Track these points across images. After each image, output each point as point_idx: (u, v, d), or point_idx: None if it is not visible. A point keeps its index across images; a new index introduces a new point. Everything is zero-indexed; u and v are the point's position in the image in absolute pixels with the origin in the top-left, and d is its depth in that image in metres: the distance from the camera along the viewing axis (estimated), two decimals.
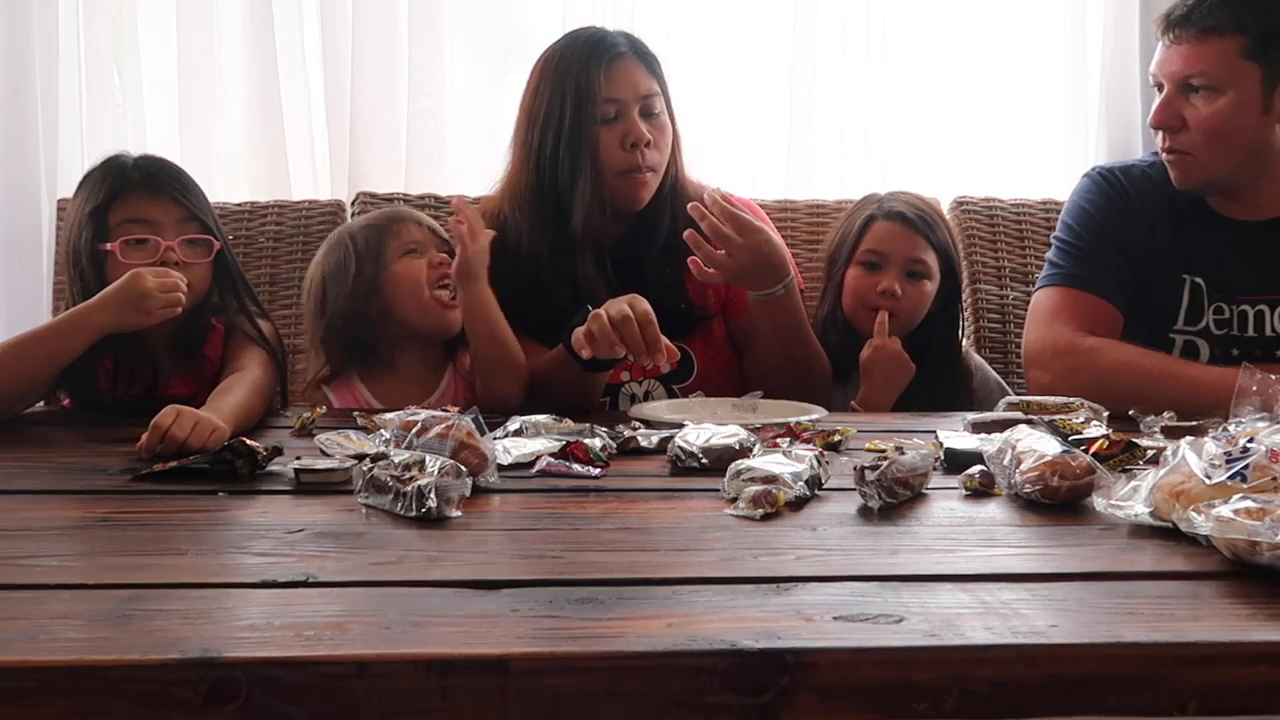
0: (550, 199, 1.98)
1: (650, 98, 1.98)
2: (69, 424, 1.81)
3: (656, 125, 1.99)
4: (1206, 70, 1.87)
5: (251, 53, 2.60)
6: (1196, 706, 0.82)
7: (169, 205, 1.84)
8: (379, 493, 1.21)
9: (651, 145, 1.96)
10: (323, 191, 2.61)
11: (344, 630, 0.85)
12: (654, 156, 1.97)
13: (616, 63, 1.97)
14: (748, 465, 1.28)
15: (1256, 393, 1.47)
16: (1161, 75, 1.92)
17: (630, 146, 1.95)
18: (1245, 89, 1.86)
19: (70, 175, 2.52)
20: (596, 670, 0.80)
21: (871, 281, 2.08)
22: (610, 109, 1.95)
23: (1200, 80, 1.87)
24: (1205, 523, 1.01)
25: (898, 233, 2.10)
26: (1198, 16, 1.86)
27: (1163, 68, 1.92)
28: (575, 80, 1.95)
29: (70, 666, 0.78)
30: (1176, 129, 1.91)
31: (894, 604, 0.90)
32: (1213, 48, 1.86)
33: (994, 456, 1.30)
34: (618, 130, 1.95)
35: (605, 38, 2.00)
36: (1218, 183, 1.94)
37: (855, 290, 2.10)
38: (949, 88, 2.72)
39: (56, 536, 1.14)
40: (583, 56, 1.97)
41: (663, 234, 2.01)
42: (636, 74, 1.98)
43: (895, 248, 2.09)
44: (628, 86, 1.96)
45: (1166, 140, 1.93)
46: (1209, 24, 1.86)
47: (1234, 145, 1.89)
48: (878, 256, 2.09)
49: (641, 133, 1.95)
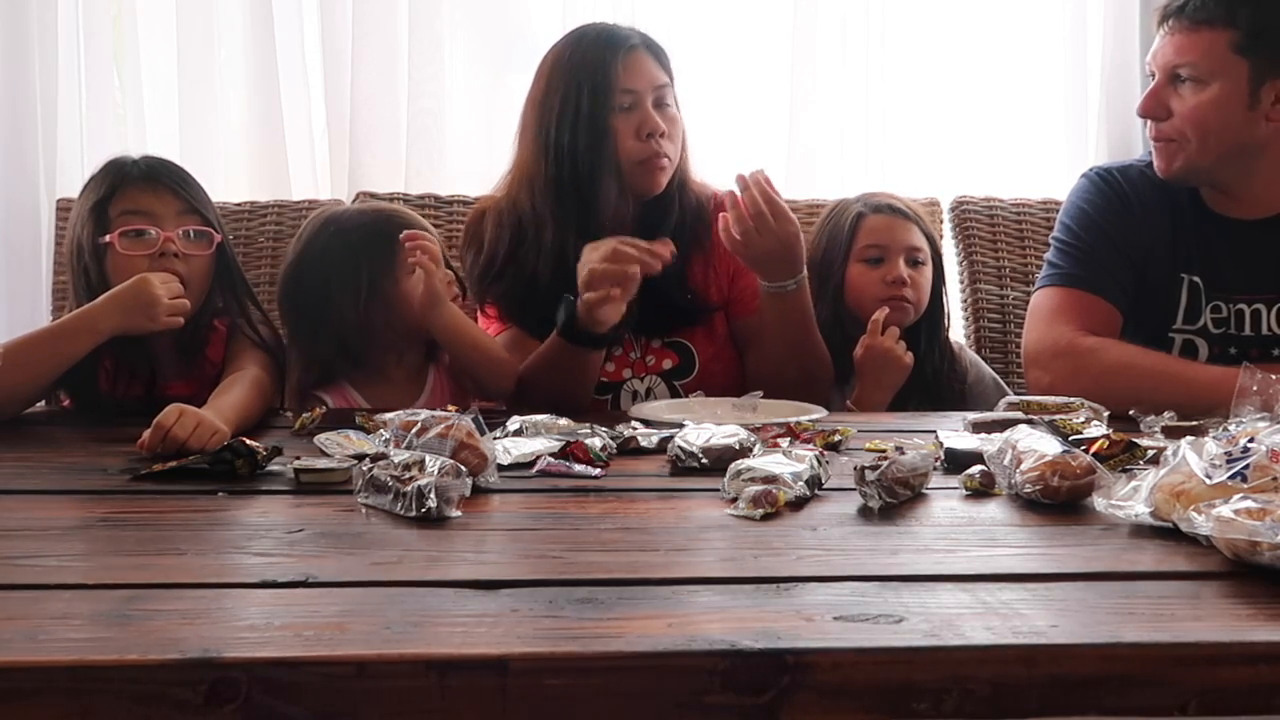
0: (570, 189, 1.99)
1: (662, 89, 2.01)
2: (69, 424, 1.80)
3: (668, 116, 2.02)
4: (1194, 61, 1.88)
5: (251, 53, 2.60)
6: (1196, 706, 0.82)
7: (168, 197, 1.84)
8: (379, 493, 1.21)
9: (665, 135, 1.99)
10: (323, 191, 2.61)
11: (344, 630, 0.85)
12: (668, 146, 2.00)
13: (631, 54, 2.00)
14: (748, 465, 1.28)
15: (1257, 393, 1.47)
16: (1154, 64, 1.94)
17: (646, 136, 1.97)
18: (1232, 83, 1.86)
19: (70, 175, 2.53)
20: (596, 670, 0.80)
21: (878, 274, 2.08)
22: (626, 99, 1.98)
23: (1188, 71, 1.88)
24: (1206, 523, 1.01)
25: (893, 224, 2.11)
26: (1191, 8, 1.87)
27: (1155, 57, 1.94)
28: (592, 72, 1.98)
29: (70, 666, 0.78)
30: (1161, 118, 1.92)
31: (894, 604, 0.90)
32: (1203, 39, 1.87)
33: (994, 456, 1.30)
34: (634, 120, 1.97)
35: (618, 31, 2.04)
36: (1202, 174, 1.95)
37: (862, 287, 2.10)
38: (949, 87, 2.72)
39: (56, 536, 1.14)
40: (598, 49, 2.00)
41: (664, 228, 2.02)
42: (649, 66, 2.01)
43: (894, 238, 2.10)
44: (642, 77, 1.99)
45: (1153, 129, 1.95)
46: (1201, 16, 1.87)
47: (1217, 138, 1.89)
48: (879, 250, 2.10)
49: (657, 122, 1.98)
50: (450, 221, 2.44)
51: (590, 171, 1.97)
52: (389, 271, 1.88)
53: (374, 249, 1.89)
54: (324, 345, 1.89)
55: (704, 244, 2.07)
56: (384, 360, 1.94)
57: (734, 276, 2.08)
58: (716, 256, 2.08)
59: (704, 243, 2.07)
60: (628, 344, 2.06)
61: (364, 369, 1.93)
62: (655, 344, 2.07)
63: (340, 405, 1.89)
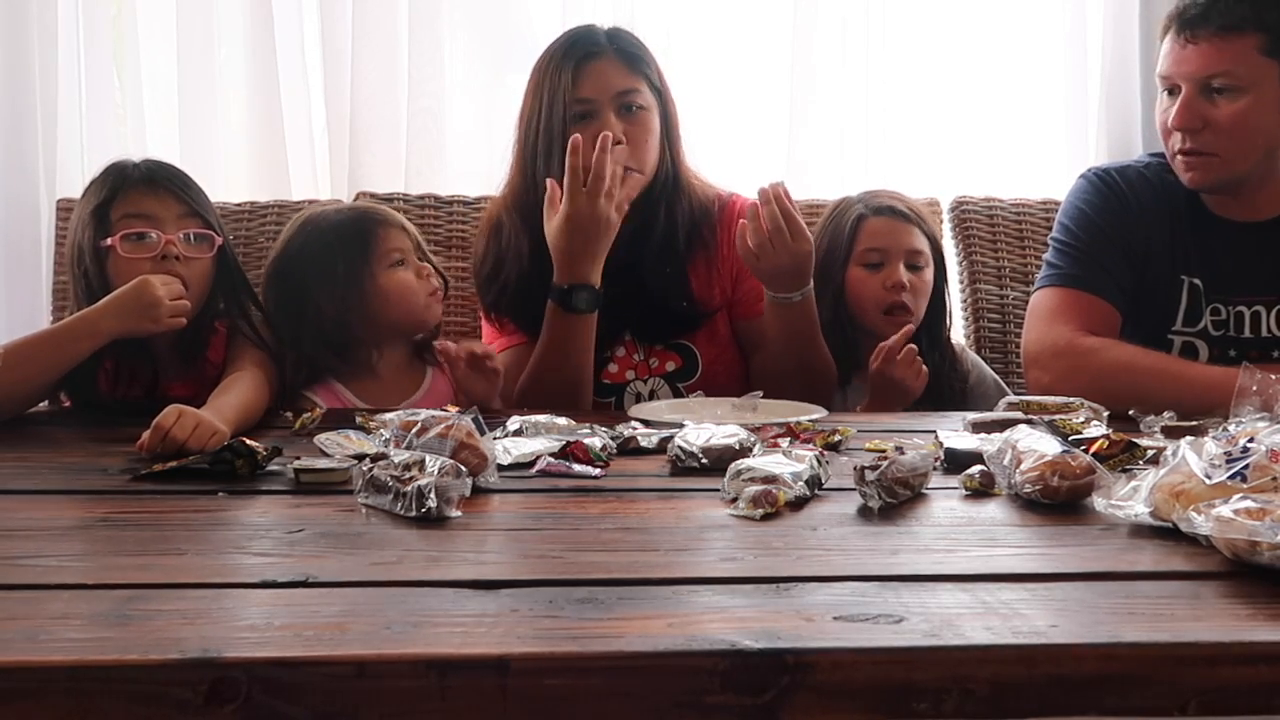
0: (533, 197, 1.98)
1: (628, 95, 1.97)
2: (69, 424, 1.80)
3: (635, 122, 1.98)
4: (1229, 70, 1.85)
5: (251, 53, 2.60)
6: (1196, 706, 0.82)
7: (169, 200, 1.84)
8: (379, 493, 1.21)
9: (627, 142, 1.95)
10: (323, 191, 2.61)
11: (344, 630, 0.85)
12: (628, 153, 1.95)
13: (589, 63, 1.97)
14: (748, 465, 1.28)
15: (1256, 392, 1.47)
16: (1177, 76, 1.89)
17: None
18: (1266, 87, 1.85)
19: (70, 176, 2.53)
20: (596, 670, 0.80)
21: (878, 279, 2.08)
22: (582, 108, 1.96)
23: (1223, 81, 1.85)
24: (1205, 523, 1.01)
25: (894, 227, 2.10)
26: (1216, 15, 1.84)
27: (1178, 67, 1.89)
28: (550, 80, 1.97)
29: (70, 666, 0.78)
30: (1198, 130, 1.89)
31: (894, 604, 0.90)
32: (1234, 47, 1.84)
33: (994, 456, 1.30)
34: (590, 129, 1.93)
35: (583, 37, 2.01)
36: (1234, 182, 1.93)
37: (862, 291, 2.10)
38: (949, 87, 2.72)
39: (56, 536, 1.14)
40: (559, 57, 1.98)
41: (659, 230, 2.01)
42: (611, 73, 1.98)
43: (894, 242, 2.10)
44: (600, 86, 1.97)
45: (1187, 142, 1.90)
46: (1229, 22, 1.84)
47: (1256, 144, 1.88)
48: (879, 254, 2.09)
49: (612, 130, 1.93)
50: (450, 221, 2.44)
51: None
52: (365, 265, 1.91)
53: (350, 244, 1.91)
54: (307, 342, 1.91)
55: (708, 245, 2.07)
56: (369, 356, 1.95)
57: (737, 278, 2.08)
58: (720, 258, 2.07)
59: (708, 244, 2.07)
60: (630, 346, 2.06)
61: (350, 365, 1.94)
62: (657, 346, 2.07)
63: (331, 403, 1.89)
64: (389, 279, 1.92)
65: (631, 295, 1.97)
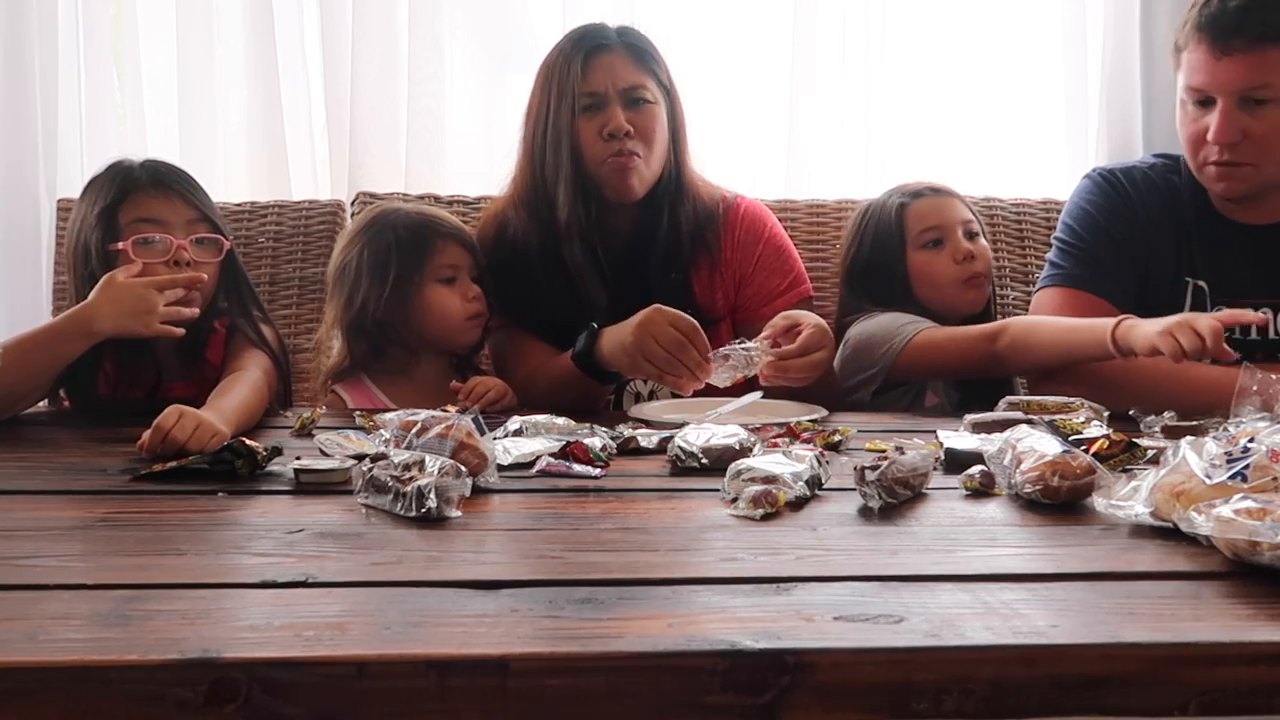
0: (540, 193, 1.99)
1: (636, 89, 1.98)
2: (69, 424, 1.80)
3: (643, 115, 1.98)
4: (1270, 81, 1.83)
5: (251, 53, 2.60)
6: (1196, 706, 0.82)
7: (179, 205, 1.84)
8: (379, 493, 1.21)
9: (635, 135, 1.95)
10: (323, 191, 2.61)
11: (344, 630, 0.85)
12: (638, 145, 1.96)
13: (597, 56, 1.98)
14: (748, 465, 1.28)
15: (1257, 393, 1.48)
16: (1213, 89, 1.86)
17: (609, 136, 1.95)
18: None
19: (70, 175, 2.53)
20: (596, 670, 0.80)
21: (944, 256, 2.09)
22: (590, 101, 1.96)
23: (1267, 92, 1.83)
24: (1206, 523, 1.01)
25: (940, 203, 2.13)
26: (1252, 25, 1.81)
27: (1214, 79, 1.86)
28: (558, 74, 1.98)
29: (70, 667, 0.78)
30: (1238, 142, 1.86)
31: (894, 604, 0.90)
32: (1271, 57, 1.82)
33: (994, 456, 1.30)
34: (597, 121, 1.95)
35: (592, 32, 2.02)
36: (1265, 189, 1.92)
37: (932, 271, 2.10)
38: (949, 88, 2.72)
39: (56, 536, 1.14)
40: (568, 51, 1.99)
41: (664, 231, 2.01)
42: (619, 66, 1.98)
43: (947, 216, 2.12)
44: (608, 79, 1.97)
45: (1225, 154, 1.88)
46: (1266, 32, 1.82)
47: None
48: (935, 231, 2.11)
49: (621, 122, 1.94)
50: None
51: (554, 175, 1.97)
52: (416, 273, 1.92)
53: (406, 249, 1.93)
54: (351, 330, 1.93)
55: (712, 249, 2.06)
56: (406, 360, 1.97)
57: (740, 283, 2.07)
58: (724, 262, 2.07)
59: (711, 248, 2.06)
60: None
61: (387, 365, 1.96)
62: None
63: (360, 401, 1.90)
64: (434, 293, 1.93)
65: (634, 299, 1.97)
